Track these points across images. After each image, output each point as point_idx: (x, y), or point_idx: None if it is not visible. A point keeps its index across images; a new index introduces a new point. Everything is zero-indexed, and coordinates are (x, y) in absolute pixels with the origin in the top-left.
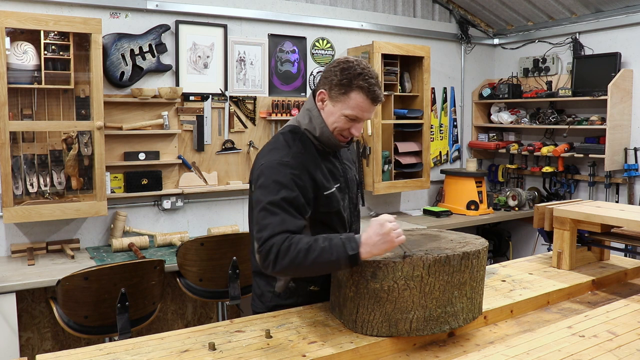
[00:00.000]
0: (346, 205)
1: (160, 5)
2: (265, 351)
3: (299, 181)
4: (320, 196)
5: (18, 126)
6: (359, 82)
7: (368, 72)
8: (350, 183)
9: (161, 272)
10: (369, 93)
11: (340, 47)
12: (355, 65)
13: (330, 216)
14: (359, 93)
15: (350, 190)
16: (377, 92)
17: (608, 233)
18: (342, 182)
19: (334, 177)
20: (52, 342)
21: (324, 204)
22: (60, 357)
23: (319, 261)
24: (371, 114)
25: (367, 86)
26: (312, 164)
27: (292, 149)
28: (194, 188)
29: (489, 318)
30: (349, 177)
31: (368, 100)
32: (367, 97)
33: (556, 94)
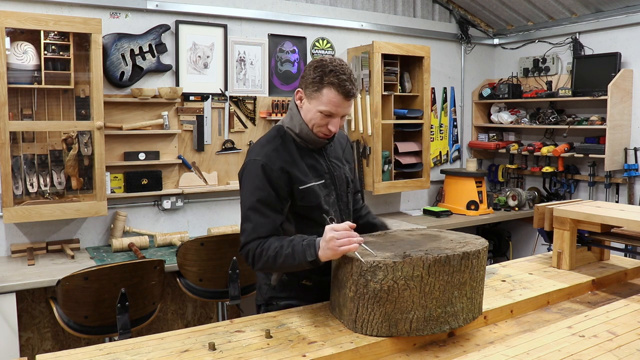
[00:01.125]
0: (332, 202)
1: (160, 5)
2: (265, 351)
3: (272, 177)
4: (296, 190)
5: (18, 126)
6: (330, 78)
7: (340, 68)
8: (338, 180)
9: (161, 272)
10: (339, 88)
11: (340, 47)
12: (327, 63)
13: (311, 210)
14: (331, 89)
15: (338, 187)
16: (347, 87)
17: (608, 233)
18: (327, 179)
19: (317, 173)
20: (52, 342)
21: (300, 197)
22: (60, 357)
23: (285, 265)
24: (346, 109)
25: (337, 82)
26: (289, 159)
27: (270, 146)
28: (194, 188)
29: (489, 318)
30: (336, 174)
31: (340, 96)
32: (339, 93)
33: (556, 94)
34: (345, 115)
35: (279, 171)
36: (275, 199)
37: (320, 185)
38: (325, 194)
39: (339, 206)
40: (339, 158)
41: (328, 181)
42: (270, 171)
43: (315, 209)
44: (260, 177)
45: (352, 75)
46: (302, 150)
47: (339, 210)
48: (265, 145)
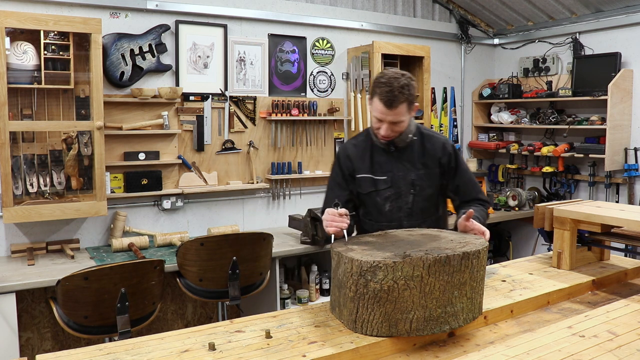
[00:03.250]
0: (388, 197)
1: (160, 5)
2: (265, 351)
3: (344, 163)
4: (355, 177)
5: (18, 126)
6: (377, 89)
7: (388, 81)
8: (400, 181)
9: (161, 272)
10: (382, 100)
11: (340, 47)
12: (382, 75)
13: (364, 197)
14: (377, 99)
15: (397, 187)
16: (389, 98)
17: (608, 233)
18: (389, 177)
19: (382, 170)
20: (52, 342)
21: (356, 184)
22: (60, 357)
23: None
24: (393, 117)
25: (380, 93)
26: (361, 153)
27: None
28: (194, 188)
29: (489, 318)
30: (399, 174)
31: (382, 105)
32: (382, 102)
33: (556, 94)
34: (398, 122)
35: (349, 160)
36: (341, 179)
37: (381, 181)
38: (384, 188)
39: (397, 203)
40: (414, 161)
41: (388, 179)
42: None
43: (366, 197)
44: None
45: (399, 88)
46: (377, 149)
47: (395, 206)
48: (350, 141)
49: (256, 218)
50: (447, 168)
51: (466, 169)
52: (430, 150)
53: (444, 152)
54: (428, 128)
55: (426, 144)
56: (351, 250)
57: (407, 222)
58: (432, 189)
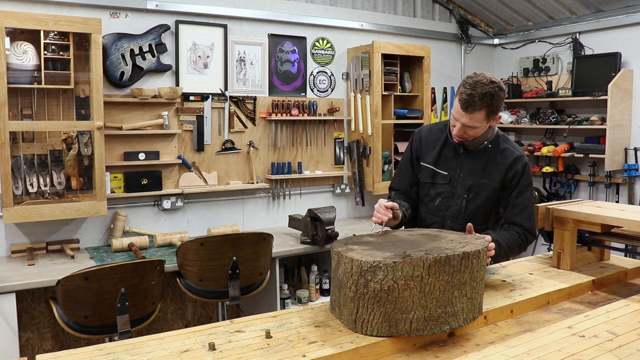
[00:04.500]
0: (441, 192)
1: (160, 5)
2: (265, 351)
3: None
4: (419, 164)
5: (18, 126)
6: (461, 88)
7: (471, 84)
8: (458, 182)
9: (161, 272)
10: (460, 101)
11: (340, 47)
12: (473, 76)
13: (422, 186)
14: (457, 99)
15: (453, 187)
16: (466, 100)
17: (608, 233)
18: (450, 173)
19: (446, 165)
20: (52, 342)
21: (418, 171)
22: (60, 357)
23: None
24: (468, 121)
25: (459, 94)
26: (434, 141)
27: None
28: (194, 188)
29: (489, 318)
30: (460, 176)
31: (459, 106)
32: (459, 103)
33: (556, 94)
34: (472, 127)
35: (420, 146)
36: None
37: (441, 175)
38: (441, 183)
39: (447, 202)
40: (482, 170)
41: (448, 175)
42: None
43: (423, 185)
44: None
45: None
46: (449, 143)
47: (445, 204)
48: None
49: (256, 218)
50: (509, 184)
51: (526, 190)
52: (499, 162)
53: (511, 167)
54: (509, 139)
55: (497, 155)
56: (351, 250)
57: (450, 223)
58: (486, 200)
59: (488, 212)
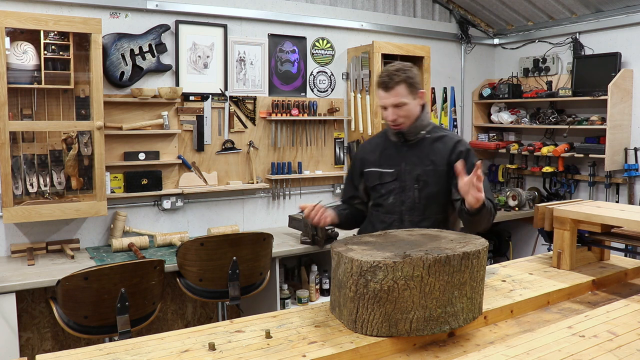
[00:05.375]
0: (392, 190)
1: (160, 5)
2: (265, 351)
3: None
4: (363, 172)
5: (18, 126)
6: (377, 80)
7: (385, 70)
8: (405, 175)
9: (161, 272)
10: (380, 85)
11: (341, 47)
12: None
13: (371, 191)
14: (377, 88)
15: (402, 180)
16: (385, 80)
17: (608, 233)
18: (395, 170)
19: (389, 163)
20: (52, 342)
21: (365, 178)
22: (60, 357)
23: None
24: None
25: (378, 81)
26: (373, 147)
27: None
28: (194, 188)
29: (489, 318)
30: (406, 168)
31: (381, 90)
32: (380, 87)
33: (556, 94)
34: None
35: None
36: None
37: (387, 174)
38: (389, 180)
39: (400, 197)
40: (426, 158)
41: (395, 172)
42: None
43: (375, 189)
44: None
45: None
46: (390, 144)
47: (398, 199)
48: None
49: (256, 218)
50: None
51: None
52: (440, 148)
53: (454, 150)
54: (445, 128)
55: (437, 143)
56: (351, 250)
57: (408, 217)
58: (437, 187)
59: (443, 202)
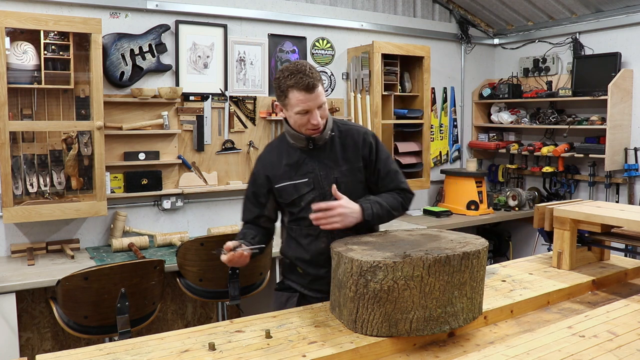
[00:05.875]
0: (313, 198)
1: (160, 5)
2: (265, 351)
3: (257, 179)
4: (273, 189)
5: (18, 126)
6: (287, 83)
7: (295, 68)
8: (323, 181)
9: (161, 272)
10: (300, 87)
11: (340, 47)
12: (283, 70)
13: (289, 205)
14: (293, 91)
15: (321, 187)
16: (306, 81)
17: (608, 233)
18: (310, 178)
19: (301, 171)
20: (52, 342)
21: (278, 195)
22: (60, 357)
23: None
24: (317, 100)
25: (294, 83)
26: (276, 161)
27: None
28: (194, 188)
29: (489, 318)
30: (321, 174)
31: (303, 92)
32: (301, 91)
33: (556, 94)
34: (322, 105)
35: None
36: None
37: (303, 184)
38: (307, 191)
39: None
40: (336, 158)
41: (310, 180)
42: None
43: (292, 205)
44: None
45: (310, 71)
46: (293, 150)
47: None
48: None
49: None
50: (369, 160)
51: (387, 157)
52: (350, 143)
53: (364, 144)
54: (344, 120)
55: (346, 139)
56: (351, 250)
57: None
58: (356, 185)
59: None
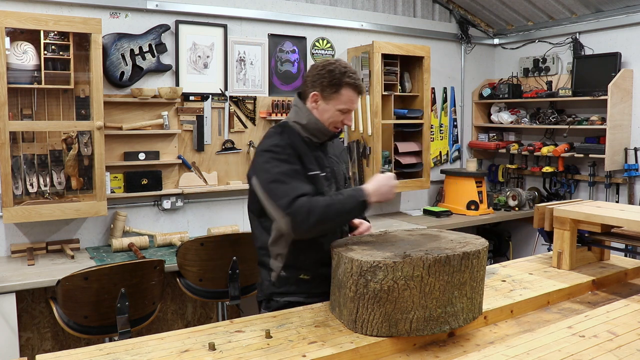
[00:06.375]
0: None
1: (160, 5)
2: (265, 351)
3: (291, 158)
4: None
5: (18, 126)
6: (345, 79)
7: (350, 69)
8: (338, 175)
9: (161, 272)
10: (355, 88)
11: (340, 47)
12: (338, 65)
13: None
14: (348, 89)
15: (337, 181)
16: (361, 85)
17: (608, 233)
18: (328, 172)
19: (320, 165)
20: (52, 342)
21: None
22: (60, 357)
23: (339, 211)
24: (357, 104)
25: (353, 82)
26: (301, 148)
27: (282, 136)
28: (194, 188)
29: (489, 318)
30: (335, 169)
31: (355, 93)
32: (355, 91)
33: (556, 94)
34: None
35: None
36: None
37: (325, 177)
38: (327, 185)
39: None
40: (337, 156)
41: (329, 174)
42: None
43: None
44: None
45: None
46: (307, 144)
47: None
48: (275, 137)
49: None
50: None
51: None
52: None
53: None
54: None
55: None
56: (351, 250)
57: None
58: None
59: None
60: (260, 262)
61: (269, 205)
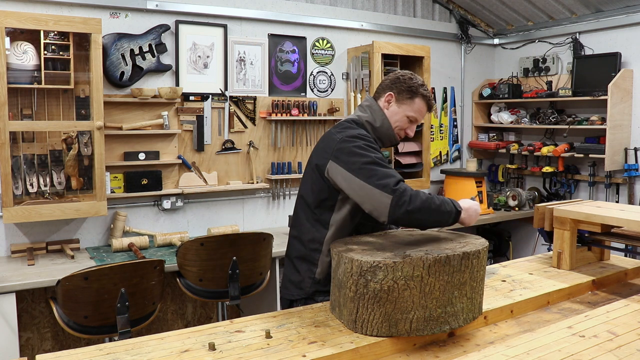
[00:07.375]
0: None
1: (160, 5)
2: (265, 351)
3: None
4: None
5: (18, 126)
6: (422, 91)
7: (426, 86)
8: None
9: (161, 272)
10: (428, 102)
11: (340, 47)
12: (417, 78)
13: None
14: (422, 100)
15: None
16: (433, 103)
17: (608, 233)
18: None
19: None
20: (52, 342)
21: None
22: (60, 357)
23: (440, 209)
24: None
25: (427, 95)
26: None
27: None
28: (194, 188)
29: (489, 318)
30: None
31: (426, 107)
32: (426, 104)
33: (556, 94)
34: None
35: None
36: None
37: None
38: None
39: None
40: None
41: None
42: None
43: None
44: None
45: None
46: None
47: None
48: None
49: (256, 218)
50: None
51: None
52: None
53: None
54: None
55: None
56: (351, 250)
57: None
58: None
59: None
60: (302, 256)
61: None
